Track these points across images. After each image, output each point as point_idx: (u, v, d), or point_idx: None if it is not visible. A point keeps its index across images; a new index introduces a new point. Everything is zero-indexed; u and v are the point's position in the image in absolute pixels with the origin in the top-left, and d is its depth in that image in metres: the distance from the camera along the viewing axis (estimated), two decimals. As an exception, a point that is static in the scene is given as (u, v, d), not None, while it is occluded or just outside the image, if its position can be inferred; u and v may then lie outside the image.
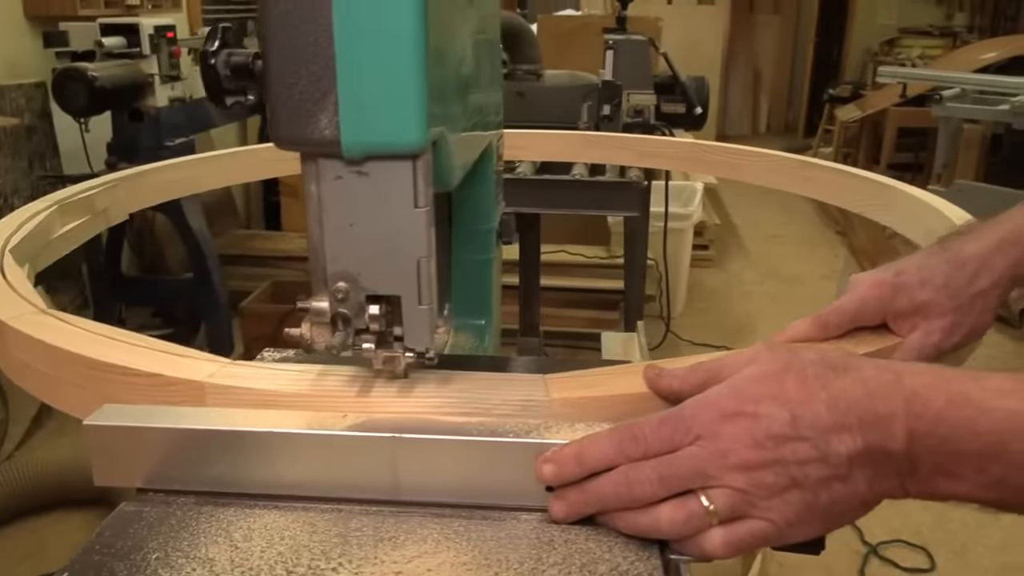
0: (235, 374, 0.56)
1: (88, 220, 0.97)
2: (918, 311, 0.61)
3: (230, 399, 0.54)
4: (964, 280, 0.61)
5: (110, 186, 1.02)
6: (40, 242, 0.87)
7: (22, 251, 0.81)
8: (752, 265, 4.52)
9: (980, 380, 0.44)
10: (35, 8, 2.92)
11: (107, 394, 0.56)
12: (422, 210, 0.50)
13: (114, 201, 1.02)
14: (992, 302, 0.62)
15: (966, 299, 0.61)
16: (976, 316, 0.61)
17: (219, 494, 0.53)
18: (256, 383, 0.55)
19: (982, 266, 0.61)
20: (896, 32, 7.62)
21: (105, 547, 0.48)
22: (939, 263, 0.62)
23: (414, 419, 0.53)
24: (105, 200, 1.00)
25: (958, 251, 0.63)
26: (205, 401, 0.54)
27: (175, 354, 0.58)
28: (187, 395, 0.55)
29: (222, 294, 2.89)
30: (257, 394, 0.55)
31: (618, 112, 2.23)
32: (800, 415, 0.46)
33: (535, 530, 0.50)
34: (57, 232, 0.92)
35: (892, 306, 0.61)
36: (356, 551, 0.48)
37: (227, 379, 0.55)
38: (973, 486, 0.44)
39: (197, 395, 0.55)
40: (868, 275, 0.64)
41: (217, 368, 0.56)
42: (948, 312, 0.60)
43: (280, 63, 0.46)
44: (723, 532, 0.47)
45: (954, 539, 2.22)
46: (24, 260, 0.81)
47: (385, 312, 0.52)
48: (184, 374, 0.55)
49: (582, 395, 0.54)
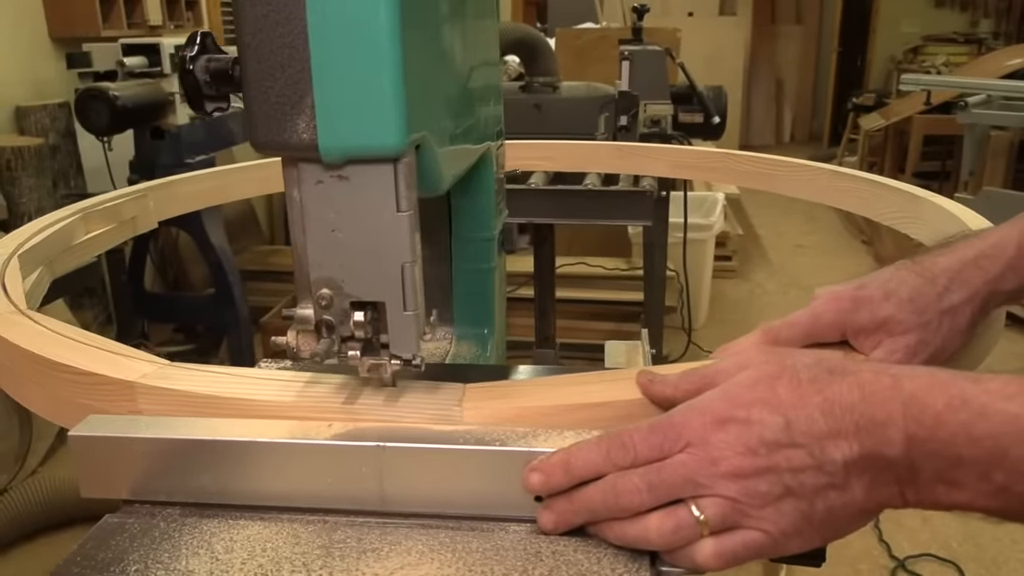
0: (168, 375, 0.55)
1: (114, 228, 0.99)
2: (881, 327, 0.57)
3: (161, 400, 0.54)
4: (933, 295, 0.57)
5: (139, 195, 1.04)
6: (59, 247, 0.88)
7: (37, 255, 0.82)
8: (775, 275, 4.47)
9: (981, 383, 0.42)
10: (59, 30, 2.97)
11: (57, 393, 0.56)
12: (405, 214, 0.49)
13: (143, 210, 1.04)
14: (963, 321, 0.58)
15: (934, 315, 0.57)
16: (944, 335, 0.57)
17: (204, 505, 0.52)
18: (188, 385, 0.54)
19: (953, 281, 0.58)
20: (920, 40, 7.55)
21: (86, 559, 0.48)
22: (907, 276, 0.59)
23: (400, 428, 0.52)
24: (133, 209, 1.02)
25: (929, 265, 0.59)
26: (136, 401, 0.54)
27: (119, 354, 0.58)
28: (119, 395, 0.54)
29: (243, 309, 2.90)
30: (189, 397, 0.54)
31: (635, 123, 2.22)
32: (794, 420, 0.44)
33: (523, 541, 0.49)
34: (80, 238, 0.94)
35: (852, 321, 0.58)
36: (338, 563, 0.47)
37: (158, 380, 0.54)
38: (975, 494, 0.42)
39: (128, 394, 0.54)
40: (829, 288, 0.60)
41: (153, 369, 0.56)
42: (913, 329, 0.57)
43: (256, 67, 0.45)
44: (714, 543, 0.45)
45: (985, 553, 2.16)
46: (38, 264, 0.82)
47: (370, 319, 0.51)
48: (118, 374, 0.55)
49: (494, 406, 0.53)
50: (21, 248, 0.80)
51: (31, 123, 2.82)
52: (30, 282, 0.78)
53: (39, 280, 0.81)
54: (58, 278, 0.89)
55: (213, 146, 2.94)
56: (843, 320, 0.58)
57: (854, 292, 0.59)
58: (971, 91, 4.05)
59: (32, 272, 0.80)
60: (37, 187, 2.75)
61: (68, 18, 2.96)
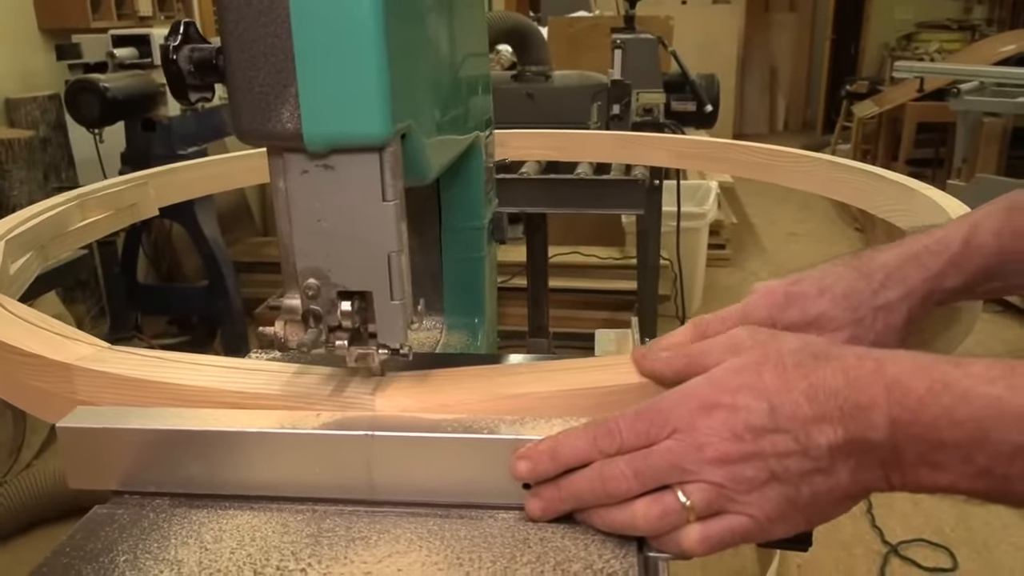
0: (103, 358, 0.56)
1: (112, 215, 0.99)
2: (812, 323, 0.56)
3: (96, 383, 0.54)
4: (868, 291, 0.56)
5: (140, 183, 1.04)
6: (52, 232, 0.89)
7: (27, 240, 0.83)
8: (769, 264, 4.48)
9: (963, 366, 0.42)
10: (49, 21, 2.96)
11: (11, 375, 0.57)
12: (391, 203, 0.49)
13: (143, 197, 1.04)
14: (897, 318, 0.57)
15: (867, 312, 0.56)
16: (877, 332, 0.56)
17: (193, 496, 0.52)
18: (120, 369, 0.55)
19: (890, 277, 0.57)
20: (913, 27, 7.55)
21: (75, 549, 0.48)
22: (844, 271, 0.58)
23: (389, 417, 0.52)
24: (133, 196, 1.02)
25: (867, 260, 0.58)
26: (73, 383, 0.55)
27: (65, 337, 0.59)
28: (58, 376, 0.55)
29: (237, 301, 2.90)
30: (121, 380, 0.54)
31: (628, 111, 2.22)
32: (779, 406, 0.45)
33: (511, 528, 0.49)
34: (75, 224, 0.94)
35: (782, 317, 0.56)
36: (327, 551, 0.47)
37: (93, 363, 0.55)
38: (958, 476, 0.42)
39: (65, 376, 0.55)
40: (765, 283, 0.59)
41: (90, 352, 0.56)
42: (845, 326, 0.56)
43: (239, 56, 0.45)
44: (700, 528, 0.46)
45: (976, 537, 2.18)
46: (28, 249, 0.83)
47: (358, 309, 0.51)
48: (57, 355, 0.55)
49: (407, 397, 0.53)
50: (10, 233, 0.81)
51: (21, 115, 2.80)
52: (16, 267, 0.78)
53: (27, 265, 0.81)
54: (50, 271, 0.89)
55: (205, 137, 2.94)
56: (774, 316, 0.57)
57: (788, 288, 0.58)
58: (964, 78, 4.06)
59: (20, 257, 0.81)
60: (28, 180, 2.74)
61: (58, 9, 2.94)
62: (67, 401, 0.55)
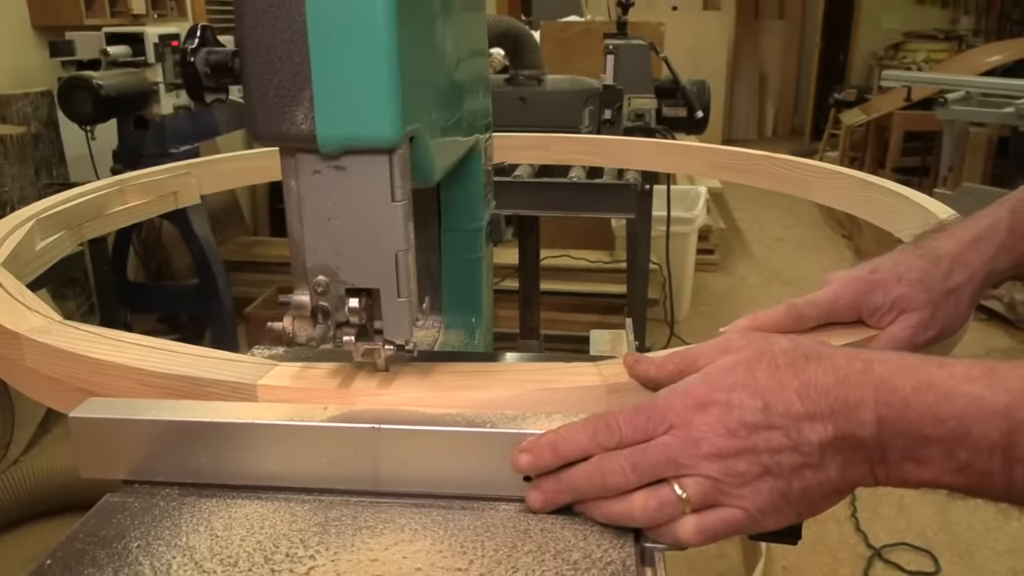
0: (51, 331, 0.60)
1: (153, 200, 1.04)
2: (893, 306, 0.61)
3: (43, 354, 0.59)
4: (939, 276, 0.61)
5: (183, 173, 1.09)
6: (89, 214, 0.94)
7: (62, 218, 0.89)
8: (757, 268, 4.51)
9: (947, 367, 0.44)
10: (42, 18, 2.95)
11: None
12: (399, 204, 0.51)
13: (184, 186, 1.09)
14: (965, 299, 0.62)
15: (940, 295, 0.61)
16: (950, 312, 0.62)
17: (202, 485, 0.54)
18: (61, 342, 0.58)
19: (955, 263, 0.62)
20: (901, 36, 7.62)
21: (89, 536, 0.49)
22: (914, 259, 0.62)
23: (394, 410, 0.54)
24: (175, 184, 1.08)
25: (933, 248, 0.63)
26: (23, 351, 0.60)
27: (28, 308, 0.64)
28: (11, 345, 0.60)
29: (227, 300, 2.90)
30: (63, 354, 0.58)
31: (619, 116, 2.24)
32: (772, 403, 0.47)
33: (512, 519, 0.51)
34: (114, 208, 0.99)
35: (867, 302, 0.61)
36: (334, 539, 0.48)
37: (41, 335, 0.59)
38: (941, 471, 0.44)
39: (16, 345, 0.60)
40: (844, 272, 0.64)
41: (42, 324, 0.61)
42: (923, 306, 0.61)
43: (256, 59, 0.47)
44: (695, 520, 0.47)
45: (959, 542, 2.21)
46: (61, 228, 0.89)
47: (365, 305, 0.53)
48: (11, 324, 0.61)
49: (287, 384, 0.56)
50: (46, 212, 0.86)
51: (13, 112, 2.80)
52: (44, 244, 0.84)
53: (58, 243, 0.87)
54: None
55: (197, 136, 2.94)
56: (859, 301, 0.62)
57: (869, 276, 0.62)
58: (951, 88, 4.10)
59: (52, 235, 0.86)
60: (20, 176, 2.73)
61: (51, 6, 2.94)
62: (19, 367, 0.61)
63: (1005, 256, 0.63)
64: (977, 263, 0.62)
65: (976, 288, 0.62)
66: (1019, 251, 0.63)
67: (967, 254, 0.62)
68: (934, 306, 0.61)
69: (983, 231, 0.63)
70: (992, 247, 0.62)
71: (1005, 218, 0.63)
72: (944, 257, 0.62)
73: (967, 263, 0.62)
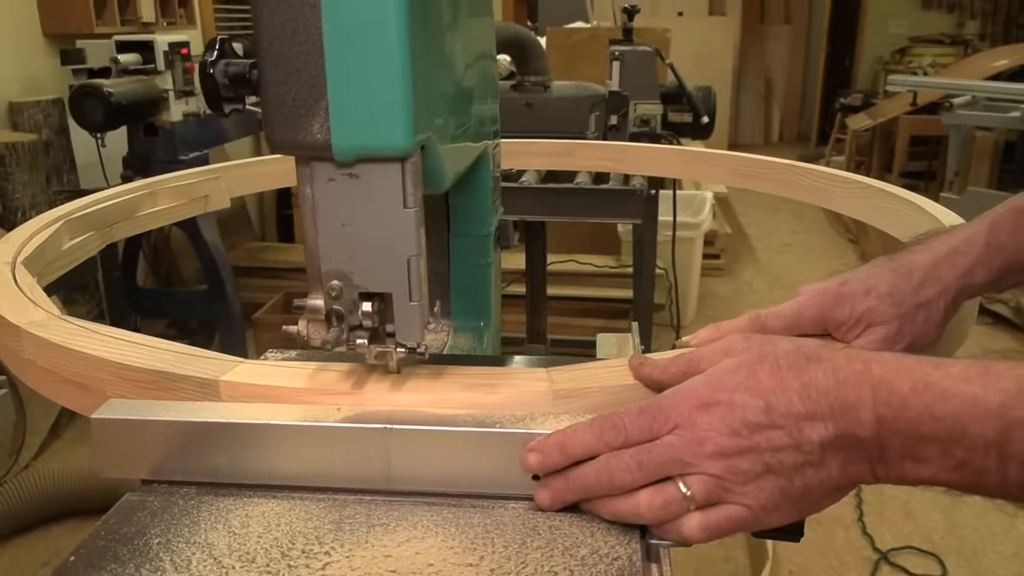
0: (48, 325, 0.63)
1: (184, 204, 1.08)
2: (860, 320, 0.60)
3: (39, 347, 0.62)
4: (909, 290, 0.61)
5: (213, 177, 1.12)
6: (119, 216, 0.98)
7: (92, 219, 0.94)
8: (763, 273, 4.52)
9: (944, 367, 0.45)
10: (53, 26, 2.98)
11: None
12: (411, 210, 0.52)
13: (215, 189, 1.12)
14: (936, 313, 0.62)
15: (910, 308, 0.61)
16: (920, 326, 0.61)
17: (220, 485, 0.55)
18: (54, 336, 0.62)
19: (928, 276, 0.62)
20: (907, 41, 7.62)
21: (110, 533, 0.51)
22: (885, 272, 0.62)
23: (406, 411, 0.55)
24: (207, 188, 1.11)
25: (906, 262, 0.63)
26: (22, 343, 0.62)
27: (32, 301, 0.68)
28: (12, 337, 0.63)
29: (236, 305, 2.92)
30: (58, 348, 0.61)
31: (625, 122, 2.26)
32: (774, 404, 0.48)
33: (521, 517, 0.52)
34: (145, 210, 1.02)
35: (833, 315, 0.61)
36: (349, 536, 0.50)
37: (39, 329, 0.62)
38: (938, 469, 0.45)
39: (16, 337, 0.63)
40: (813, 285, 0.64)
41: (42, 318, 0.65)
42: (891, 320, 0.60)
43: (274, 72, 0.48)
44: (700, 517, 0.49)
45: (965, 545, 2.21)
46: (90, 228, 0.93)
47: (377, 309, 0.55)
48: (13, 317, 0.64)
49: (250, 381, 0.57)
50: (75, 213, 0.90)
51: (25, 119, 2.83)
52: (71, 244, 0.88)
53: (86, 243, 0.90)
54: None
55: (207, 143, 2.96)
56: (826, 314, 0.61)
57: (837, 288, 0.62)
58: (956, 92, 4.11)
59: (81, 235, 0.90)
60: (31, 183, 2.76)
61: (62, 15, 2.97)
62: (19, 358, 0.64)
63: (982, 270, 0.62)
64: (950, 276, 0.62)
65: (949, 302, 0.62)
66: (996, 265, 0.62)
67: (941, 267, 0.62)
68: (902, 320, 0.60)
69: (960, 244, 0.63)
70: (968, 260, 0.62)
71: (983, 231, 0.63)
72: (917, 270, 0.62)
73: (940, 276, 0.62)
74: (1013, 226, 0.63)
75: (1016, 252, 0.63)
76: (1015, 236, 0.63)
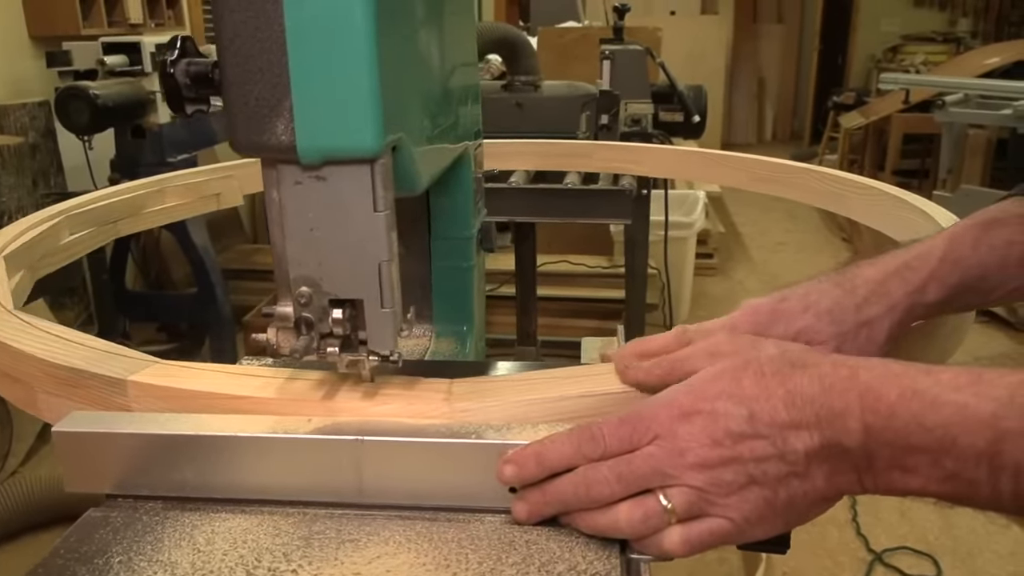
0: None
1: (194, 202, 1.07)
2: (796, 338, 0.57)
3: None
4: (851, 307, 0.57)
5: (225, 175, 1.11)
6: (123, 213, 0.98)
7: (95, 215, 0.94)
8: (756, 273, 4.51)
9: (934, 374, 0.44)
10: (39, 28, 2.96)
11: None
12: (382, 214, 0.50)
13: (227, 187, 1.11)
14: (880, 333, 0.58)
15: (851, 327, 0.57)
16: (861, 345, 0.57)
17: (186, 499, 0.53)
18: None
19: (874, 292, 0.58)
20: (899, 39, 7.63)
21: (70, 552, 0.49)
22: (829, 287, 0.59)
23: (378, 422, 0.53)
24: (219, 186, 1.10)
25: (852, 277, 0.59)
26: None
27: None
28: None
29: (226, 308, 2.90)
30: None
31: (616, 121, 2.24)
32: (757, 412, 0.46)
33: (497, 531, 0.50)
34: (152, 207, 1.02)
35: (767, 333, 0.57)
36: (317, 552, 0.48)
37: None
38: (927, 480, 0.43)
39: None
40: (751, 301, 0.60)
41: None
42: (828, 339, 0.57)
43: (236, 70, 0.47)
44: (681, 530, 0.47)
45: (960, 546, 2.20)
46: (92, 224, 0.94)
47: (349, 316, 0.53)
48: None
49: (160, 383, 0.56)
50: (76, 209, 0.89)
51: (11, 122, 2.81)
52: (71, 239, 0.87)
53: (86, 237, 0.91)
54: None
55: (195, 145, 2.94)
56: (759, 332, 0.58)
57: (775, 305, 0.59)
58: (949, 90, 4.10)
59: (82, 231, 0.90)
60: (17, 186, 2.74)
61: (48, 16, 2.95)
62: None
63: (935, 286, 0.58)
64: (900, 293, 0.58)
65: (895, 321, 0.58)
66: (951, 282, 0.58)
67: (890, 283, 0.58)
68: (841, 339, 0.57)
69: (912, 259, 0.59)
70: (920, 276, 0.58)
71: (940, 246, 0.59)
72: (861, 286, 0.58)
73: (888, 293, 0.58)
74: (975, 240, 0.59)
75: (974, 268, 0.59)
76: (976, 251, 0.59)
